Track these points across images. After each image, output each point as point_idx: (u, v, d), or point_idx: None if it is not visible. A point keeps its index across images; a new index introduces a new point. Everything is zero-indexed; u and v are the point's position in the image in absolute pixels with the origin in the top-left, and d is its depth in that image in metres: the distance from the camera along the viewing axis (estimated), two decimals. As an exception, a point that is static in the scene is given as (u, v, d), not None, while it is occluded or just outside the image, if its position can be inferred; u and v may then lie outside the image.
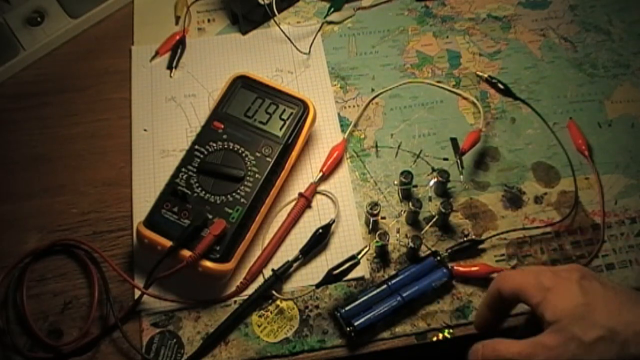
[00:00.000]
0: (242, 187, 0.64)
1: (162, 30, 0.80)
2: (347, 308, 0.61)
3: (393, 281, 0.62)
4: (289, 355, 0.61)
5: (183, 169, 0.65)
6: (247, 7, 0.78)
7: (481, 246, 0.65)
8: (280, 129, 0.67)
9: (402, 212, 0.67)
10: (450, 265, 0.63)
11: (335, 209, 0.68)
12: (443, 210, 0.64)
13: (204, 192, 0.63)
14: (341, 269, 0.60)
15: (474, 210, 0.68)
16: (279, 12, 0.79)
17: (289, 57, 0.78)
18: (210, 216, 0.62)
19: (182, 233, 0.61)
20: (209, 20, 0.82)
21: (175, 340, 0.61)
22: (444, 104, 0.75)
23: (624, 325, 0.46)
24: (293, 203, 0.68)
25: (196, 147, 0.66)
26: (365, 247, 0.62)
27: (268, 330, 0.62)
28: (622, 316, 0.47)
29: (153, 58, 0.78)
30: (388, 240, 0.63)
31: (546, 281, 0.49)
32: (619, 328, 0.46)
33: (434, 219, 0.66)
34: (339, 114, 0.74)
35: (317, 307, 0.63)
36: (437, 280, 0.62)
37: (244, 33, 0.80)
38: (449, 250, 0.64)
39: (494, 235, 0.66)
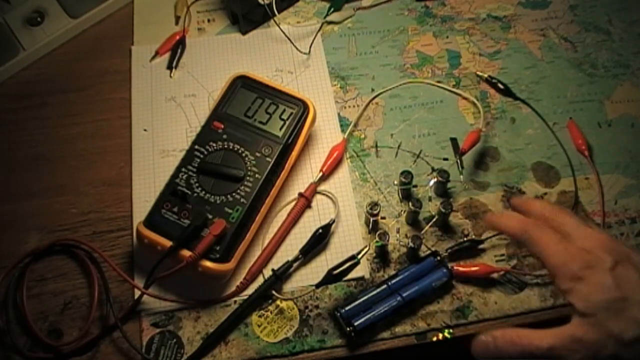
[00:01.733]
0: (242, 187, 0.64)
1: (162, 30, 0.80)
2: (347, 308, 0.61)
3: (393, 281, 0.62)
4: (289, 355, 0.61)
5: (183, 169, 0.65)
6: (247, 7, 0.78)
7: (481, 246, 0.65)
8: (280, 129, 0.67)
9: (402, 212, 0.67)
10: (450, 265, 0.63)
11: (335, 209, 0.68)
12: (443, 210, 0.64)
13: (204, 192, 0.63)
14: (341, 269, 0.60)
15: (474, 210, 0.68)
16: (279, 12, 0.79)
17: (289, 57, 0.78)
18: (210, 216, 0.62)
19: (182, 233, 0.61)
20: (209, 20, 0.82)
21: (175, 340, 0.61)
22: (444, 104, 0.75)
23: None
24: (293, 203, 0.68)
25: (196, 147, 0.66)
26: (365, 247, 0.62)
27: (268, 330, 0.62)
28: None
29: (153, 58, 0.78)
30: (388, 240, 0.63)
31: (577, 270, 0.46)
32: None
33: (434, 219, 0.66)
34: (339, 114, 0.74)
35: (317, 307, 0.63)
36: (437, 280, 0.62)
37: (244, 33, 0.80)
38: (449, 250, 0.64)
39: (494, 235, 0.66)
